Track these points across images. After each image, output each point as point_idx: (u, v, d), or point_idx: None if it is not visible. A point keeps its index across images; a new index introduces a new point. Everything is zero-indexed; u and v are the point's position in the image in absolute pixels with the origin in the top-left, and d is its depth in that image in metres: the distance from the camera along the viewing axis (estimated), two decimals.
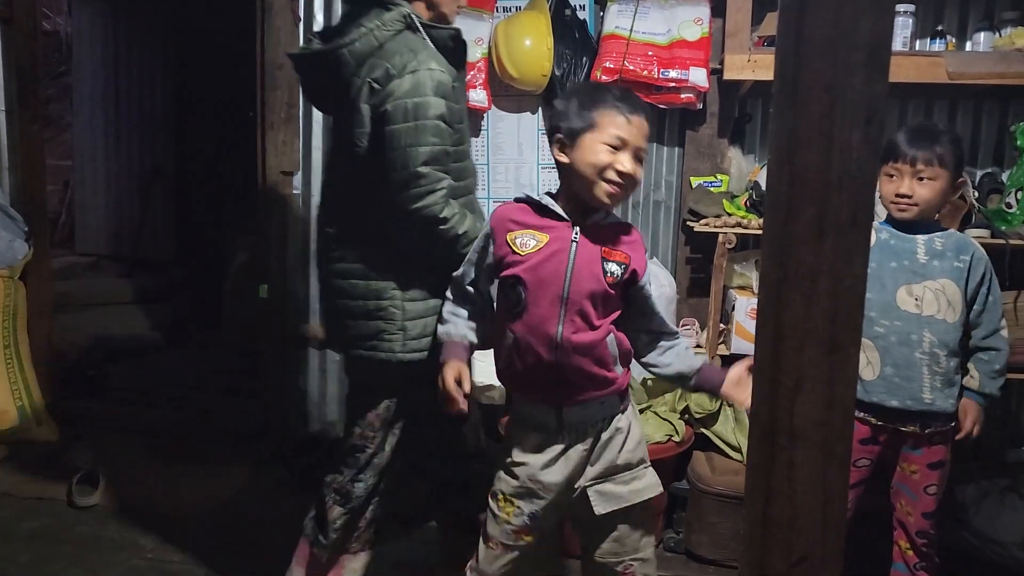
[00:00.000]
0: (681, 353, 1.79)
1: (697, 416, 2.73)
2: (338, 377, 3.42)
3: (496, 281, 1.78)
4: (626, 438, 1.77)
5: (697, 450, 2.76)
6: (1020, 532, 2.57)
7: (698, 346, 2.96)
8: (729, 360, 2.87)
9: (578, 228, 1.68)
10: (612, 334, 1.70)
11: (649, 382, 2.84)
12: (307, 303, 3.40)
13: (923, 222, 2.11)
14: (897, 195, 2.07)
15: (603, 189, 1.65)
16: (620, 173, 1.64)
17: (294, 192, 3.30)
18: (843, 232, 0.89)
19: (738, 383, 1.73)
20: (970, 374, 2.14)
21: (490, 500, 1.80)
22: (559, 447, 1.73)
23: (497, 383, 2.67)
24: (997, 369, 2.12)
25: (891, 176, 2.09)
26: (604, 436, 1.75)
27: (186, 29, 6.15)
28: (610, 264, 1.67)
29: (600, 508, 1.74)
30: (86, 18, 6.36)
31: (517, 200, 1.77)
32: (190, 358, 4.62)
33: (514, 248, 1.68)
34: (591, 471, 1.75)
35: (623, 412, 1.79)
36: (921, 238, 2.10)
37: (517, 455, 1.76)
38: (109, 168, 6.44)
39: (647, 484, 1.79)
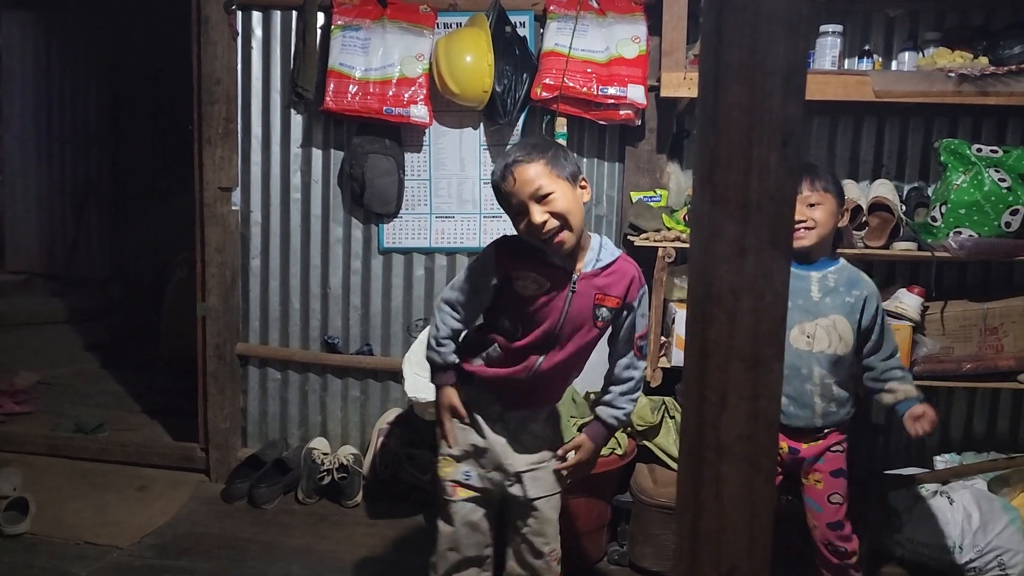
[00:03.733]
0: (608, 404, 2.00)
1: (639, 429, 2.76)
2: (279, 395, 3.38)
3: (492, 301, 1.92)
4: (542, 437, 2.00)
5: (640, 462, 2.78)
6: (950, 535, 2.65)
7: None
8: (670, 372, 2.91)
9: (576, 277, 1.83)
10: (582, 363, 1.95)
11: (592, 395, 2.85)
12: (246, 320, 3.35)
13: (818, 256, 2.21)
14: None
15: (547, 246, 1.78)
16: (537, 226, 1.74)
17: (232, 208, 3.25)
18: (763, 250, 0.92)
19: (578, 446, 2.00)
20: (894, 392, 2.23)
21: (437, 459, 2.02)
22: (497, 427, 1.95)
23: None
24: (911, 379, 2.27)
25: None
26: (537, 425, 1.99)
27: (121, 42, 6.03)
28: (601, 309, 1.85)
29: (532, 492, 1.95)
30: (16, 30, 6.19)
31: (517, 242, 1.86)
32: (127, 378, 4.50)
33: (516, 289, 1.81)
34: (525, 460, 1.95)
35: (548, 418, 2.05)
36: (815, 275, 2.20)
37: (460, 424, 1.95)
38: (41, 184, 6.26)
39: (562, 475, 2.01)
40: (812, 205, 2.17)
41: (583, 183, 1.82)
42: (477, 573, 2.03)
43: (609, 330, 1.93)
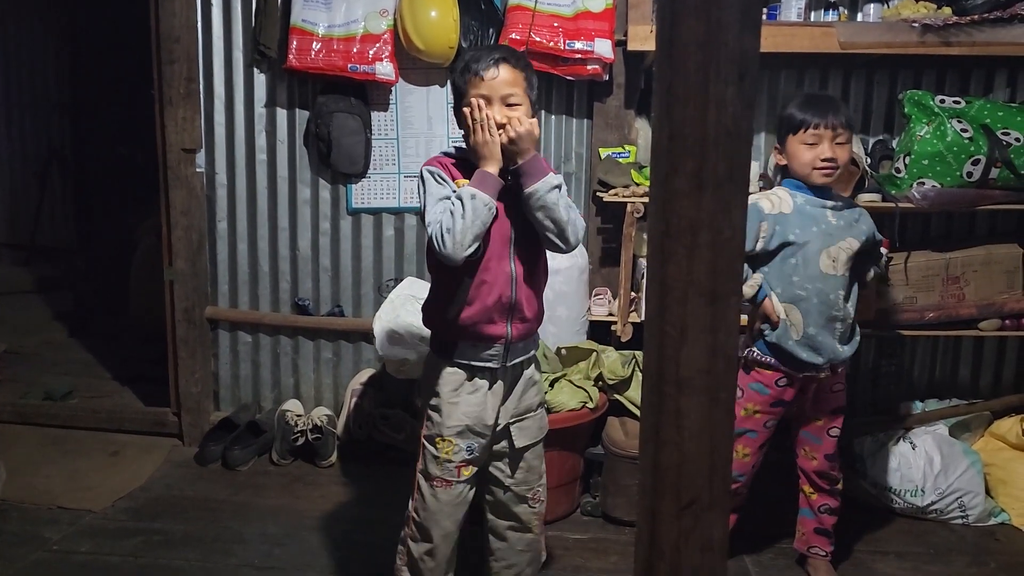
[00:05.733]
0: None
1: (610, 382, 2.78)
2: (251, 358, 3.36)
3: None
4: (537, 382, 2.04)
5: (611, 416, 2.81)
6: (913, 480, 2.72)
7: (610, 314, 3.02)
8: (640, 327, 2.94)
9: (508, 176, 1.83)
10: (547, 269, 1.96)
11: (564, 351, 2.88)
12: (215, 284, 3.32)
13: (827, 188, 2.26)
14: (823, 160, 2.18)
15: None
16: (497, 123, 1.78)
17: (197, 170, 3.21)
18: (721, 185, 0.92)
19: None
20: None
21: (426, 443, 1.93)
22: (496, 386, 1.92)
23: (412, 357, 2.69)
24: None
25: (811, 144, 2.20)
26: (525, 377, 1.98)
27: (78, 4, 5.86)
28: None
29: (520, 442, 1.98)
30: None
31: (445, 154, 1.92)
32: (95, 346, 4.46)
33: None
34: (512, 409, 1.96)
35: (536, 363, 2.04)
36: (828, 202, 2.25)
37: (454, 397, 1.90)
38: (1, 152, 6.13)
39: (546, 423, 2.09)
40: (840, 143, 2.19)
41: (535, 113, 1.89)
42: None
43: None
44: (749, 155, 0.95)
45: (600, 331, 3.05)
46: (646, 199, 2.85)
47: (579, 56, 2.94)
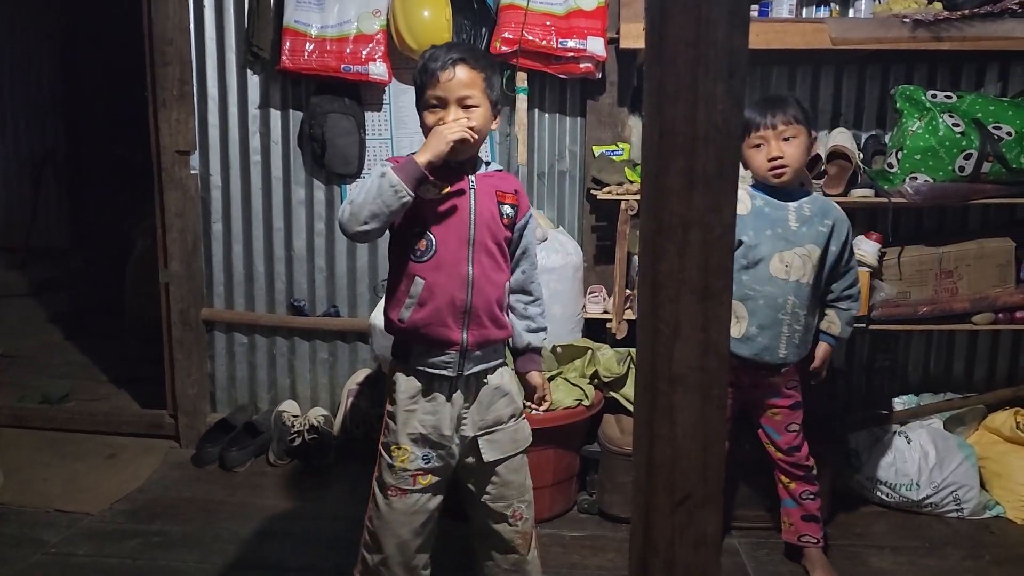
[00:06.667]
0: (533, 329, 1.98)
1: (606, 380, 2.79)
2: (247, 359, 3.36)
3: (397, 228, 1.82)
4: (508, 392, 1.92)
5: (607, 413, 2.82)
6: (908, 474, 2.73)
7: (605, 312, 3.03)
8: (635, 325, 2.94)
9: (473, 177, 1.82)
10: (509, 279, 1.89)
11: (559, 348, 2.88)
12: (210, 286, 3.32)
13: (793, 189, 2.27)
14: (770, 160, 2.20)
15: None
16: (448, 125, 1.74)
17: (191, 172, 3.21)
18: (711, 183, 0.93)
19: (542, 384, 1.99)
20: (829, 320, 2.37)
21: (382, 451, 1.88)
22: (455, 396, 1.84)
23: None
24: (854, 316, 2.39)
25: (757, 146, 2.23)
26: (491, 386, 1.88)
27: (72, 5, 5.86)
28: (504, 207, 1.85)
29: (489, 456, 1.87)
30: None
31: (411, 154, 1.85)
32: (92, 348, 4.45)
33: (419, 193, 1.74)
34: (478, 421, 1.87)
35: (504, 366, 1.94)
36: (792, 205, 2.26)
37: (410, 404, 1.83)
38: None
39: (525, 435, 1.96)
40: (787, 139, 2.20)
41: (497, 112, 1.87)
42: (427, 558, 1.92)
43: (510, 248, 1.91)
44: (739, 152, 0.96)
45: (595, 329, 3.06)
46: (639, 196, 2.86)
47: (572, 54, 2.95)
